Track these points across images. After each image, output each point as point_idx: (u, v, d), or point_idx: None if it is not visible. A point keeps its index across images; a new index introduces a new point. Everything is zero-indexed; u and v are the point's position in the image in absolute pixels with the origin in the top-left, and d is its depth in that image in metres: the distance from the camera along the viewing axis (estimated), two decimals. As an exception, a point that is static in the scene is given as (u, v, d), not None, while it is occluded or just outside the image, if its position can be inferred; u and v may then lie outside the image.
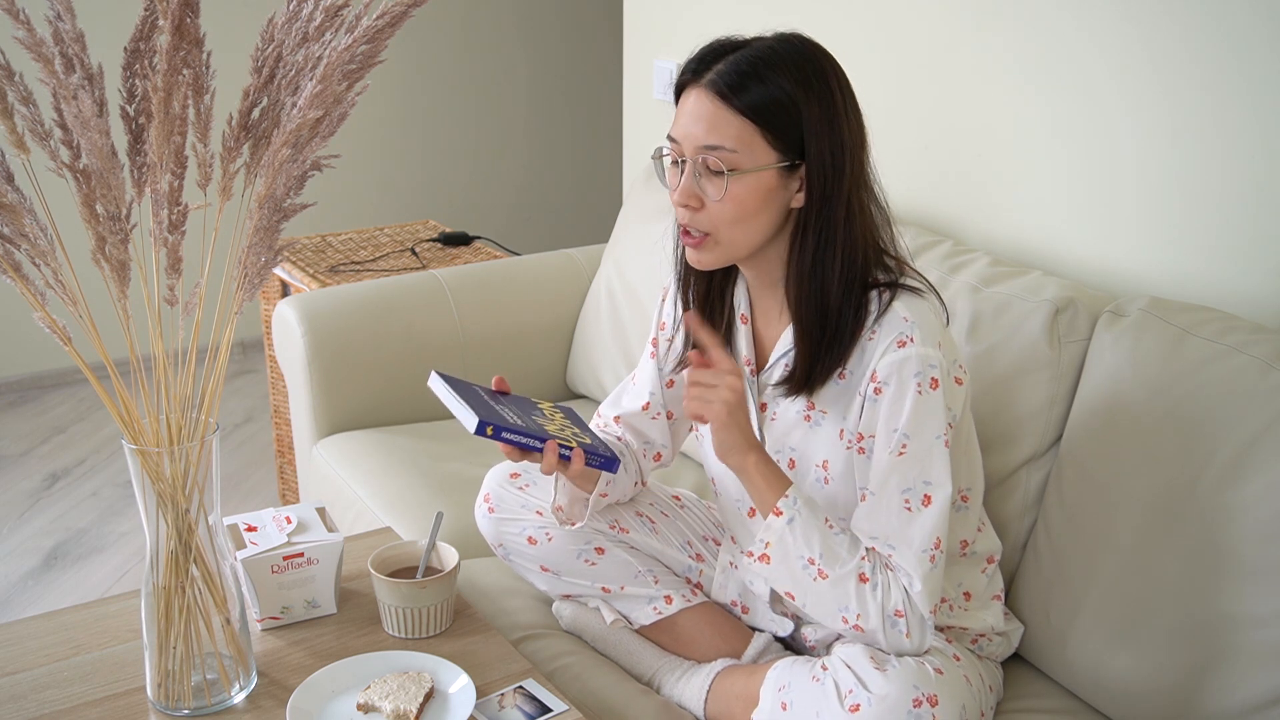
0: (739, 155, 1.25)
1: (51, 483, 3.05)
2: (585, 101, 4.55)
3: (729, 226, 1.28)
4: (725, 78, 1.25)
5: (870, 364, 1.29)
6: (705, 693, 1.44)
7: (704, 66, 1.28)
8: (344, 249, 2.91)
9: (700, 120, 1.26)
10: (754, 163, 1.26)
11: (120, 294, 1.14)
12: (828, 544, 1.28)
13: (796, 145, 1.26)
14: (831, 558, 1.28)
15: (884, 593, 1.27)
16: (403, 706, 1.25)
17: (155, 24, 1.09)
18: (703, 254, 1.32)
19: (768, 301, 1.40)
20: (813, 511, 1.30)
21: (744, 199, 1.26)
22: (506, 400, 1.42)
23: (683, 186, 1.28)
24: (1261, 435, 1.32)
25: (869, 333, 1.30)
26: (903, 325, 1.28)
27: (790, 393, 1.35)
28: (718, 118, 1.25)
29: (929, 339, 1.28)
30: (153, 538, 1.22)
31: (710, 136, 1.26)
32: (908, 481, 1.28)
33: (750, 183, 1.26)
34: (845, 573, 1.27)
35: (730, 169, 1.25)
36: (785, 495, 1.30)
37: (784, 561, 1.30)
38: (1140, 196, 1.70)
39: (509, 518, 1.55)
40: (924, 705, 1.21)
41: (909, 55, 2.04)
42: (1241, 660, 1.30)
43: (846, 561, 1.28)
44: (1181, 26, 1.61)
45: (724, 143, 1.25)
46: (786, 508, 1.30)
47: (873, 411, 1.29)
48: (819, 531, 1.29)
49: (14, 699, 1.29)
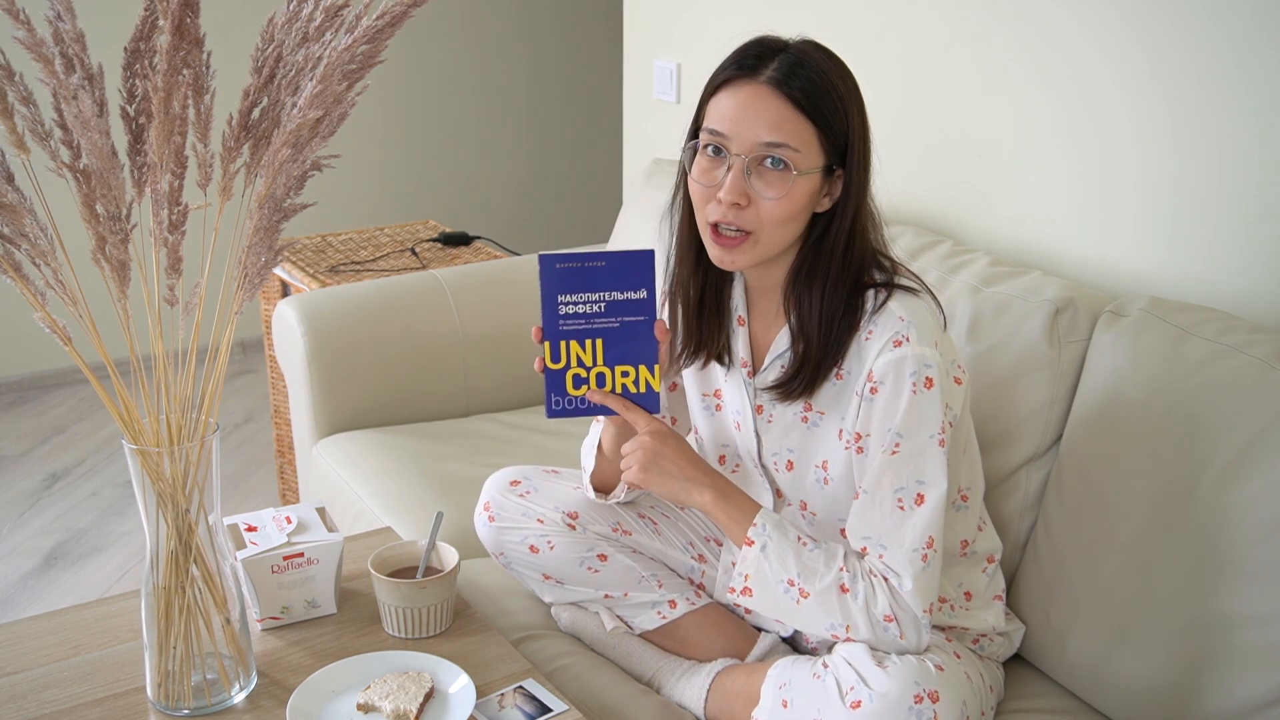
0: (801, 155, 1.25)
1: (51, 483, 3.05)
2: (585, 101, 4.55)
3: (775, 226, 1.27)
4: (787, 76, 1.24)
5: (866, 363, 1.29)
6: (705, 692, 1.44)
7: (754, 64, 1.26)
8: (344, 249, 2.91)
9: (764, 117, 1.25)
10: (810, 164, 1.26)
11: (120, 294, 1.14)
12: (803, 561, 1.29)
13: (842, 148, 1.27)
14: (809, 574, 1.28)
15: (867, 600, 1.27)
16: (403, 706, 1.25)
17: (155, 24, 1.09)
18: (738, 254, 1.30)
19: (765, 303, 1.40)
20: (783, 533, 1.31)
21: (796, 199, 1.26)
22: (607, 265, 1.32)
23: (732, 184, 1.26)
24: (1261, 435, 1.31)
25: (865, 331, 1.30)
26: (898, 324, 1.28)
27: (787, 397, 1.35)
28: (784, 116, 1.24)
29: (925, 338, 1.28)
30: (153, 538, 1.22)
31: (774, 133, 1.24)
32: (901, 480, 1.27)
33: (805, 184, 1.26)
34: (825, 586, 1.28)
35: (794, 167, 1.25)
36: (753, 524, 1.31)
37: (765, 589, 1.30)
38: (1140, 197, 1.70)
39: (510, 526, 1.55)
40: (925, 701, 1.21)
41: (910, 55, 2.04)
42: (1241, 660, 1.30)
43: (824, 575, 1.28)
44: (1182, 28, 1.61)
45: (788, 140, 1.24)
46: (757, 535, 1.30)
47: (869, 411, 1.29)
48: (793, 551, 1.30)
49: (14, 699, 1.29)
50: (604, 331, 1.32)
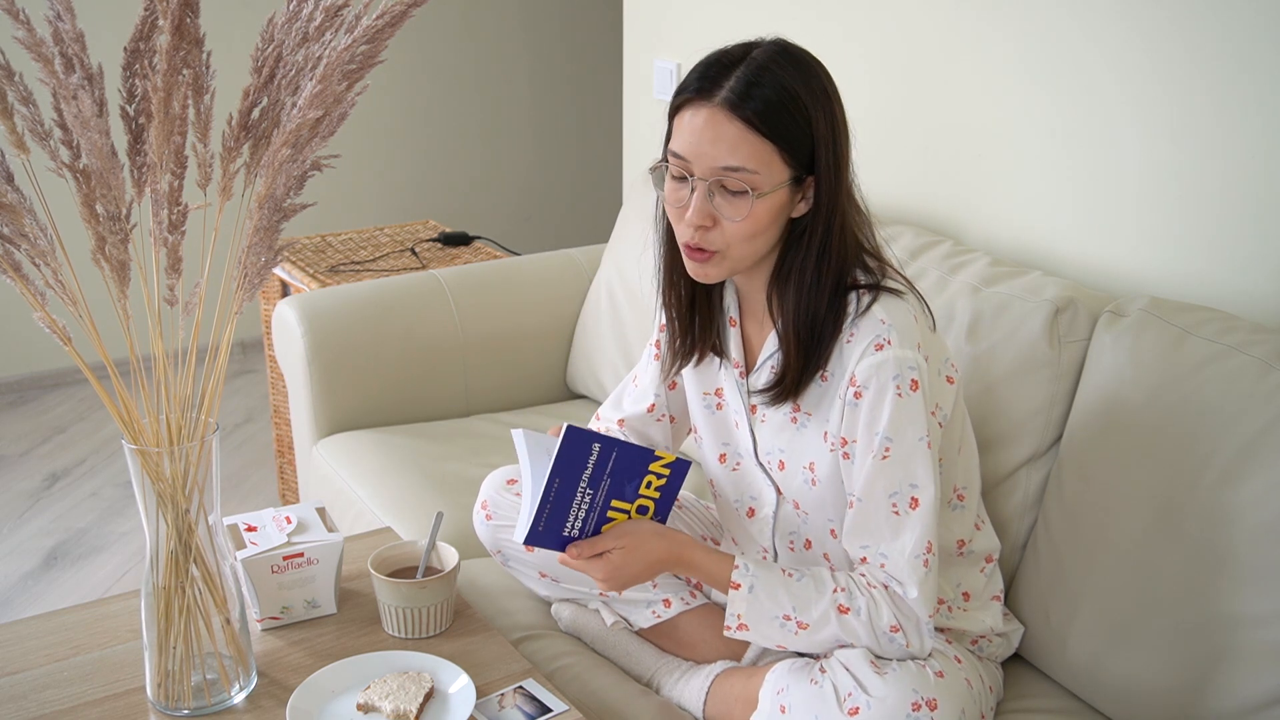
0: (759, 176, 1.23)
1: (51, 483, 3.05)
2: (585, 101, 4.55)
3: (741, 243, 1.27)
4: (742, 97, 1.22)
5: (848, 367, 1.29)
6: (705, 694, 1.44)
7: (710, 84, 1.24)
8: (344, 249, 2.91)
9: (720, 141, 1.23)
10: (772, 182, 1.24)
11: (120, 294, 1.14)
12: (794, 594, 1.30)
13: (807, 158, 1.25)
14: (803, 605, 1.29)
15: (870, 614, 1.27)
16: (403, 706, 1.25)
17: (155, 24, 1.09)
18: (710, 268, 1.30)
19: (754, 305, 1.40)
20: (767, 571, 1.32)
21: (760, 217, 1.25)
22: (618, 457, 1.29)
23: (696, 208, 1.25)
24: (1261, 435, 1.31)
25: (847, 334, 1.30)
26: (879, 328, 1.27)
27: (776, 400, 1.35)
28: (738, 138, 1.22)
29: (907, 341, 1.27)
30: (153, 538, 1.22)
31: (731, 158, 1.23)
32: (894, 485, 1.27)
33: (768, 201, 1.25)
34: (822, 613, 1.28)
35: (753, 189, 1.23)
36: (735, 566, 1.32)
37: (761, 625, 1.31)
38: (1140, 196, 1.70)
39: (507, 524, 1.55)
40: (923, 709, 1.21)
41: (910, 55, 2.03)
42: (1241, 660, 1.30)
43: (818, 602, 1.29)
44: (1183, 27, 1.61)
45: (746, 164, 1.23)
46: (741, 578, 1.31)
47: (853, 416, 1.29)
48: (782, 586, 1.30)
49: (14, 699, 1.29)
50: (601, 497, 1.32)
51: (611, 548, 1.32)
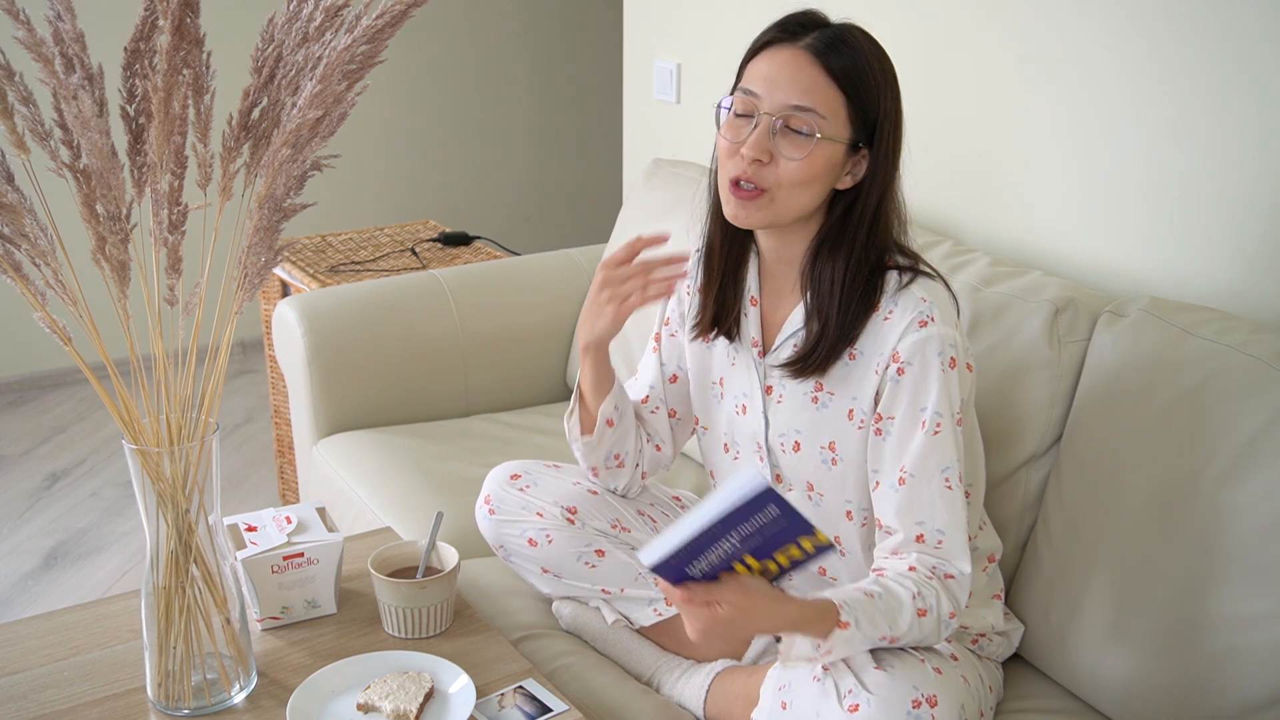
0: (826, 122, 1.27)
1: (51, 483, 3.05)
2: (585, 101, 4.55)
3: (791, 188, 1.29)
4: (828, 47, 1.27)
5: (889, 344, 1.30)
6: (705, 692, 1.44)
7: (796, 31, 1.29)
8: (344, 249, 2.92)
9: (797, 80, 1.27)
10: (835, 132, 1.27)
11: (120, 294, 1.14)
12: (887, 614, 1.23)
13: (869, 129, 1.29)
14: (895, 623, 1.24)
15: (937, 606, 1.26)
16: (403, 706, 1.25)
17: (155, 24, 1.09)
18: (752, 210, 1.31)
19: (779, 281, 1.41)
20: (860, 602, 1.23)
21: (816, 164, 1.28)
22: (785, 524, 1.14)
23: (756, 140, 1.28)
24: (1261, 435, 1.31)
25: (884, 312, 1.31)
26: (921, 305, 1.30)
27: (799, 374, 1.35)
28: (814, 82, 1.26)
29: (948, 319, 1.30)
30: (153, 538, 1.22)
31: (804, 97, 1.26)
32: (945, 460, 1.28)
33: (827, 151, 1.28)
34: (909, 622, 1.24)
35: (818, 132, 1.26)
36: (839, 607, 1.22)
37: (853, 651, 1.24)
38: (1141, 197, 1.70)
39: (510, 519, 1.55)
40: (923, 706, 1.21)
41: (909, 55, 2.03)
42: (1241, 660, 1.30)
43: (904, 613, 1.24)
44: (1184, 27, 1.61)
45: (816, 106, 1.26)
46: (849, 615, 1.22)
47: (894, 392, 1.30)
48: (878, 612, 1.23)
49: (14, 699, 1.29)
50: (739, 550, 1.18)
51: (724, 601, 1.19)
